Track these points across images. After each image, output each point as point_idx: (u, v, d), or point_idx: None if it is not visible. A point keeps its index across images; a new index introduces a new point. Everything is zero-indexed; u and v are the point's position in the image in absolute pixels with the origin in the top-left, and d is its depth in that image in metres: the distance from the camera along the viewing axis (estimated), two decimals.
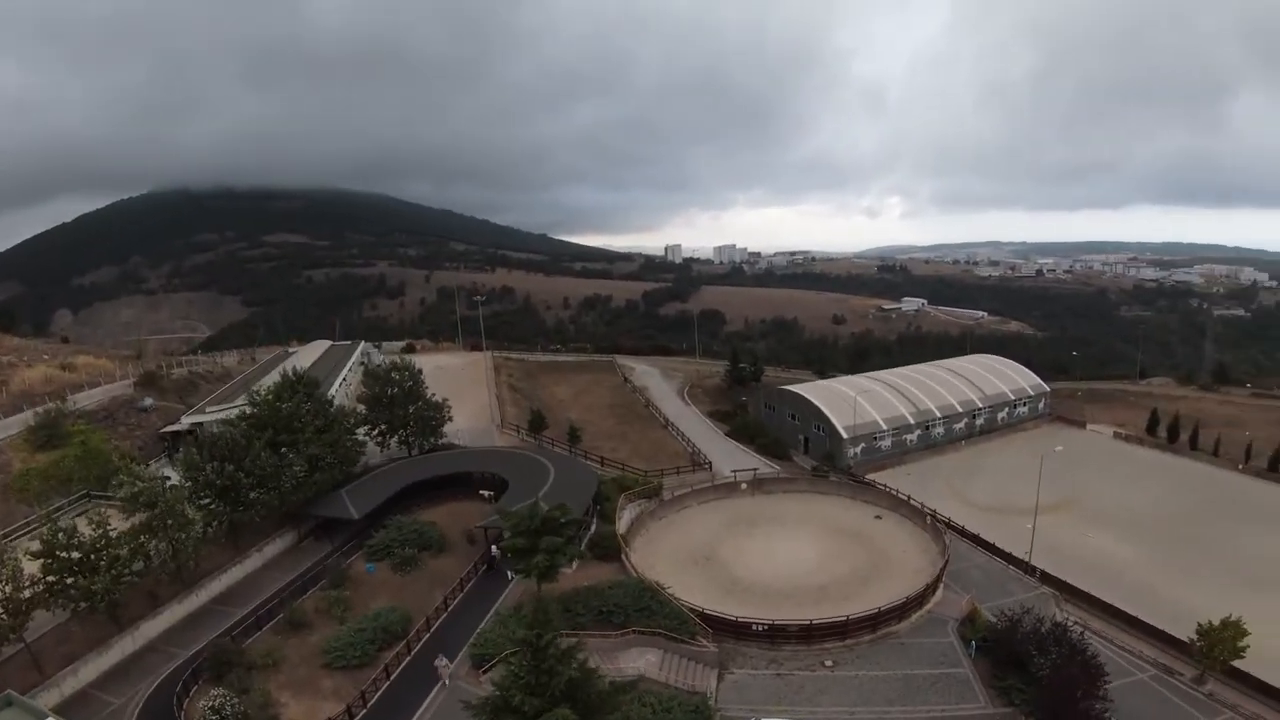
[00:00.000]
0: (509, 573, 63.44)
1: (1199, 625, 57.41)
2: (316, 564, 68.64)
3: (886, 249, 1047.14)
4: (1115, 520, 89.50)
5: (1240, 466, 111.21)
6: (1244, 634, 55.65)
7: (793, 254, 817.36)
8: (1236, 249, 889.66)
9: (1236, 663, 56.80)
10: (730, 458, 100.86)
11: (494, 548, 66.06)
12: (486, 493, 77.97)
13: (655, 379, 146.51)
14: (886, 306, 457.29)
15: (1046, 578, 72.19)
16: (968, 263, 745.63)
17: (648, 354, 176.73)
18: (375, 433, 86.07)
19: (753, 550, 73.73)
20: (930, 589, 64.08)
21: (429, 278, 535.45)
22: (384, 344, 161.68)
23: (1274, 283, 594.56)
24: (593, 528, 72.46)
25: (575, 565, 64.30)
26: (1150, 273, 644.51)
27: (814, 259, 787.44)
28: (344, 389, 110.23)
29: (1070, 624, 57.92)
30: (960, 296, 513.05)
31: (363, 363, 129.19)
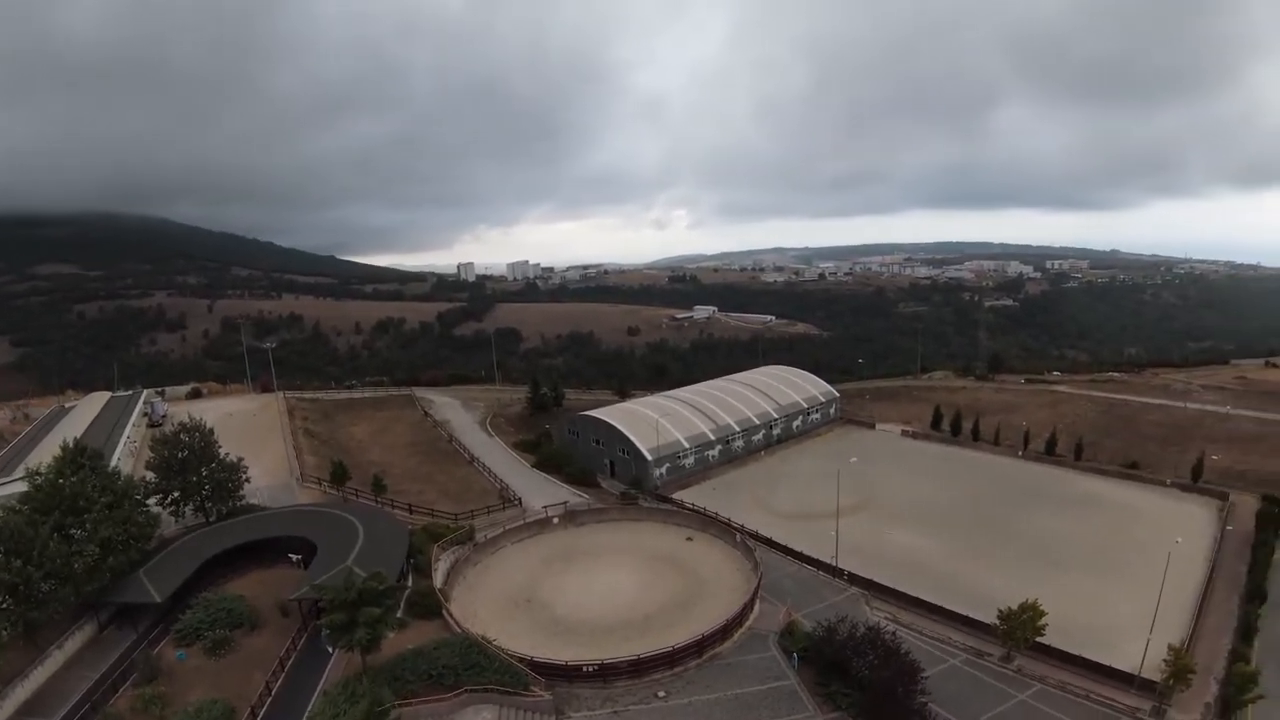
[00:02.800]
0: (329, 648, 62.00)
1: (999, 611, 66.80)
2: (124, 656, 63.71)
3: (676, 259, 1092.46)
4: (911, 515, 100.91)
5: (1020, 453, 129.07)
6: (1041, 614, 65.37)
7: (586, 268, 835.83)
8: (1003, 245, 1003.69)
9: (1039, 639, 65.52)
10: (539, 490, 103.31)
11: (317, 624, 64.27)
12: (295, 556, 75.42)
13: (456, 411, 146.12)
14: (679, 315, 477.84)
15: (855, 579, 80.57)
16: (754, 269, 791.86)
17: (446, 384, 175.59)
18: (168, 501, 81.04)
19: (572, 587, 76.46)
20: (748, 606, 69.52)
21: (211, 308, 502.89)
22: (168, 390, 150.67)
23: (1037, 274, 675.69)
24: (409, 585, 72.00)
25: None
26: (925, 271, 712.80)
27: (606, 272, 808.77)
28: (128, 449, 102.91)
29: (883, 624, 65.34)
30: (749, 302, 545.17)
31: (146, 414, 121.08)
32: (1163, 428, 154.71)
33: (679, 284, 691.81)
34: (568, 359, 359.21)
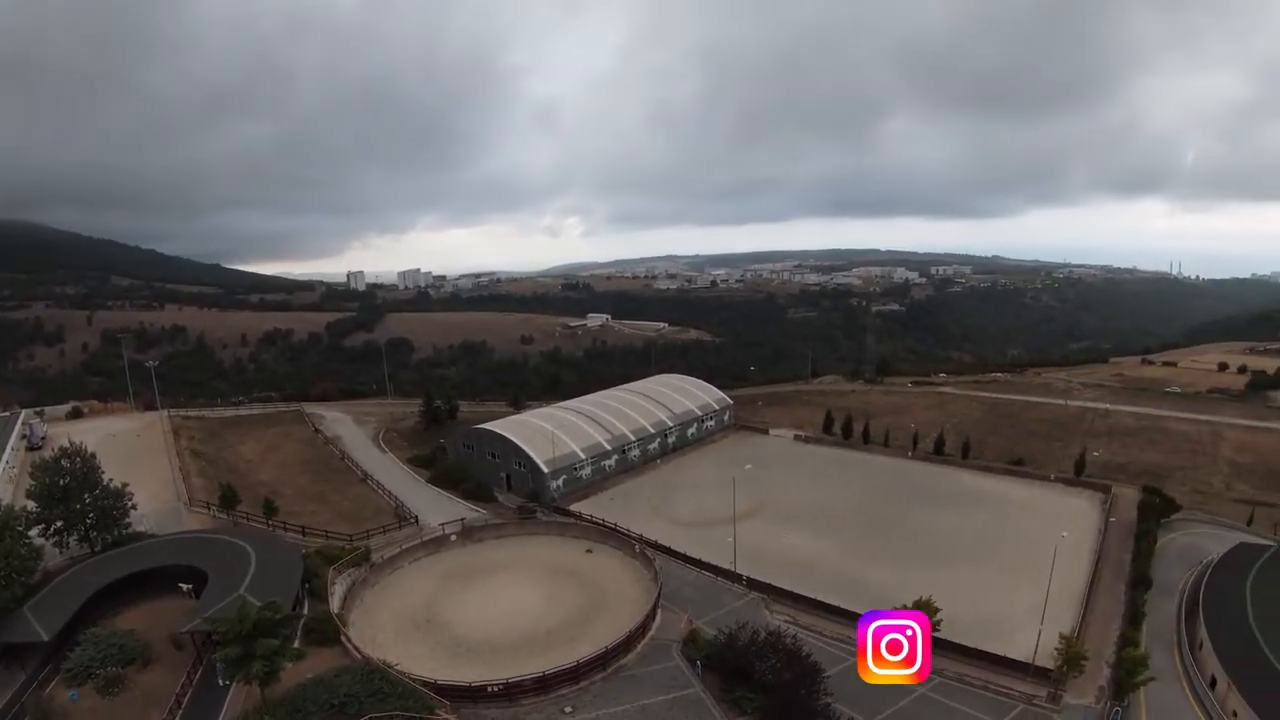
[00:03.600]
0: (223, 681, 59.38)
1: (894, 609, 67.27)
2: (14, 699, 59.70)
3: (570, 266, 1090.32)
4: (807, 518, 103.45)
5: (910, 453, 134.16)
6: (935, 611, 67.64)
7: (478, 275, 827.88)
8: (890, 252, 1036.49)
9: (935, 634, 67.39)
10: (436, 506, 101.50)
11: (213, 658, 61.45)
12: (186, 586, 72.04)
13: (348, 426, 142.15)
14: (573, 323, 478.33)
15: (754, 583, 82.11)
16: (647, 276, 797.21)
17: (337, 399, 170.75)
18: (51, 532, 76.35)
19: (473, 604, 75.19)
20: (650, 616, 69.94)
21: (91, 319, 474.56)
22: (47, 410, 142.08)
23: (923, 280, 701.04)
24: (305, 611, 69.62)
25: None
26: (815, 278, 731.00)
27: (499, 280, 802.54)
28: (7, 475, 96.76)
29: (783, 627, 66.65)
30: (642, 309, 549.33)
31: (24, 436, 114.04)
32: (1046, 424, 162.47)
33: (572, 292, 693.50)
34: (461, 369, 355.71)
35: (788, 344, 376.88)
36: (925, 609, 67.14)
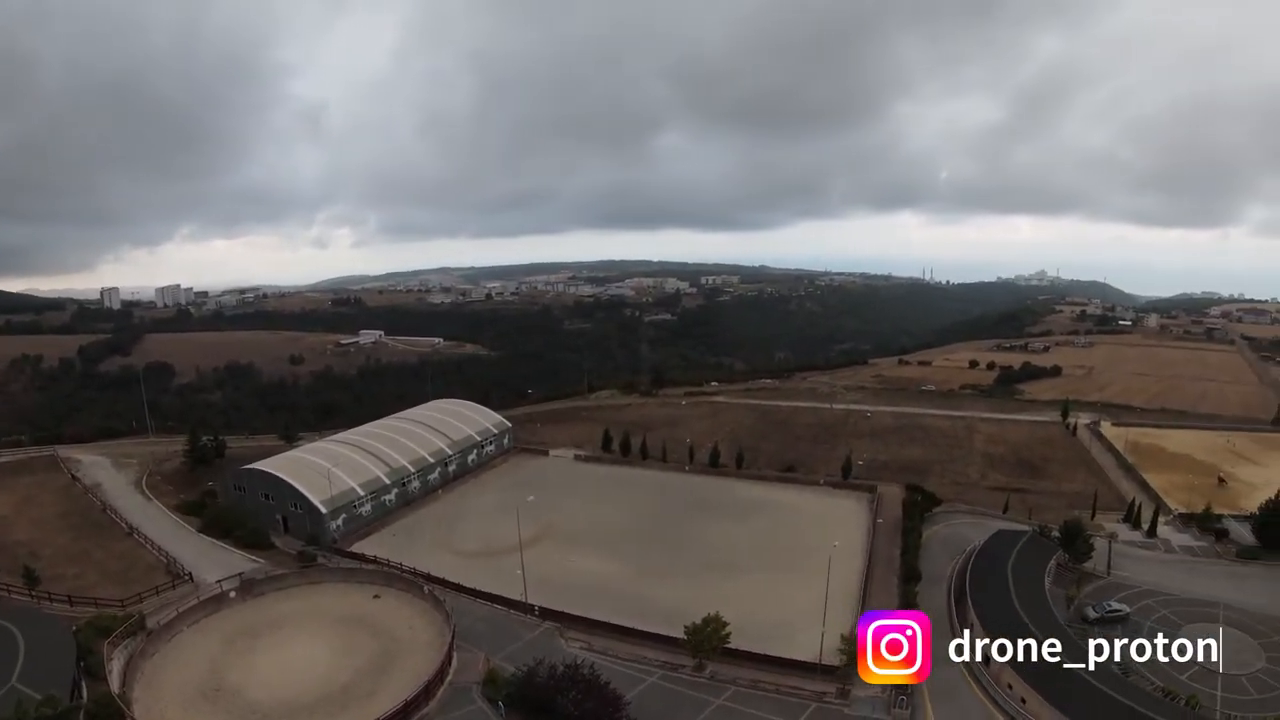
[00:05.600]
0: None
1: (686, 626, 72.28)
2: None
3: (340, 280, 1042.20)
4: (592, 539, 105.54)
5: (687, 467, 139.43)
6: (724, 624, 71.79)
7: (243, 291, 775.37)
8: (662, 263, 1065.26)
9: (727, 645, 71.54)
10: (210, 559, 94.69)
11: None
12: None
13: (107, 471, 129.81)
14: (344, 341, 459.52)
15: (546, 612, 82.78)
16: (421, 290, 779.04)
17: (93, 439, 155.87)
18: None
19: (262, 666, 70.82)
20: (446, 660, 68.99)
21: None
22: None
23: (694, 289, 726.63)
24: (84, 697, 63.41)
25: None
26: (588, 289, 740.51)
27: (266, 295, 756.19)
28: None
29: (580, 655, 68.07)
30: (416, 325, 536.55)
31: None
32: (814, 429, 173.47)
33: (343, 307, 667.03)
34: (227, 394, 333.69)
35: (564, 356, 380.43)
36: (714, 623, 70.86)
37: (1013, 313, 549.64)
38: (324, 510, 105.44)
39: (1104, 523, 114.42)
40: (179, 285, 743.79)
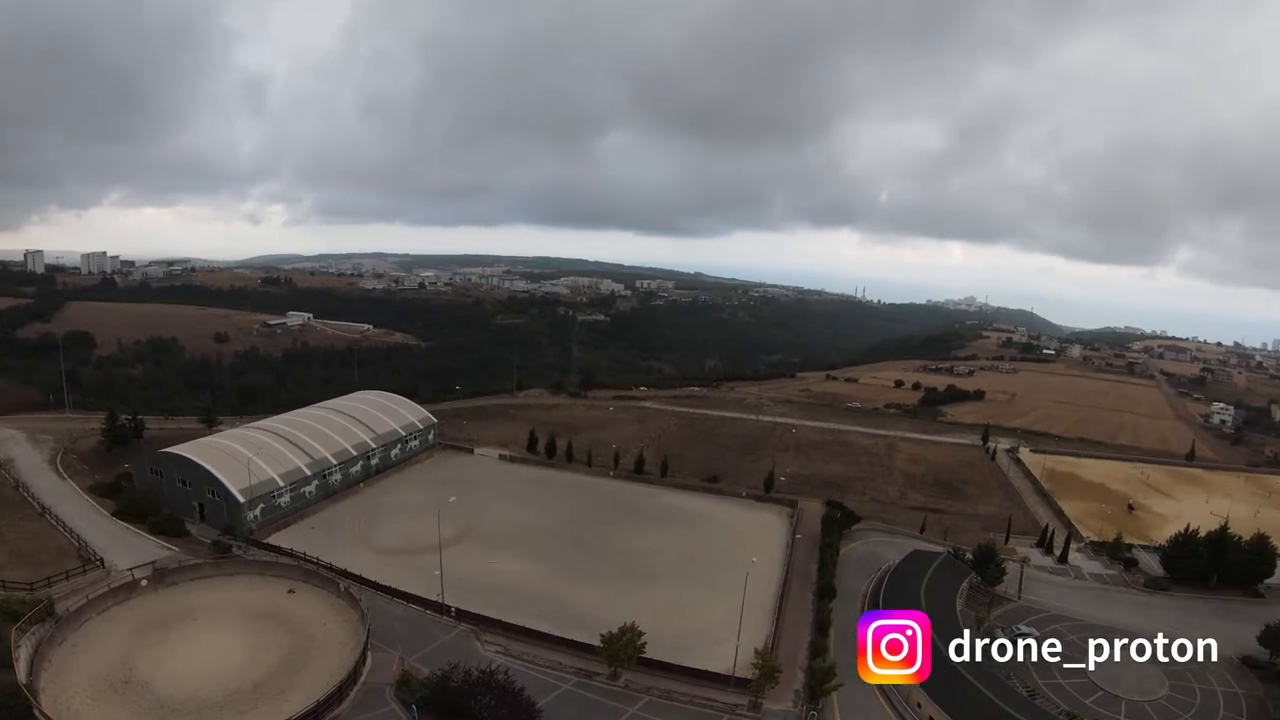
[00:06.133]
0: None
1: (602, 635, 72.65)
2: None
3: (271, 258, 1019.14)
4: (513, 541, 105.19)
5: (612, 472, 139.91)
6: (640, 634, 72.23)
7: (171, 263, 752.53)
8: (598, 263, 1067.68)
9: (642, 655, 72.14)
10: (123, 544, 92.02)
11: None
12: None
13: (21, 446, 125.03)
14: (271, 322, 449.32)
15: (463, 614, 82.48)
16: (354, 274, 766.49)
17: (9, 412, 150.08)
18: None
19: (172, 658, 69.05)
20: (361, 660, 68.19)
21: None
22: None
23: (628, 292, 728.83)
24: None
25: None
26: (523, 284, 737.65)
27: (194, 269, 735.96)
28: None
29: (495, 659, 68.37)
30: (346, 309, 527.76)
31: None
32: (740, 439, 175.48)
33: (273, 287, 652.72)
34: (148, 368, 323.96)
35: (495, 350, 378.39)
36: (630, 633, 71.40)
37: (941, 335, 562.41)
38: (242, 499, 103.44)
39: (1017, 547, 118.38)
40: (105, 253, 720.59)
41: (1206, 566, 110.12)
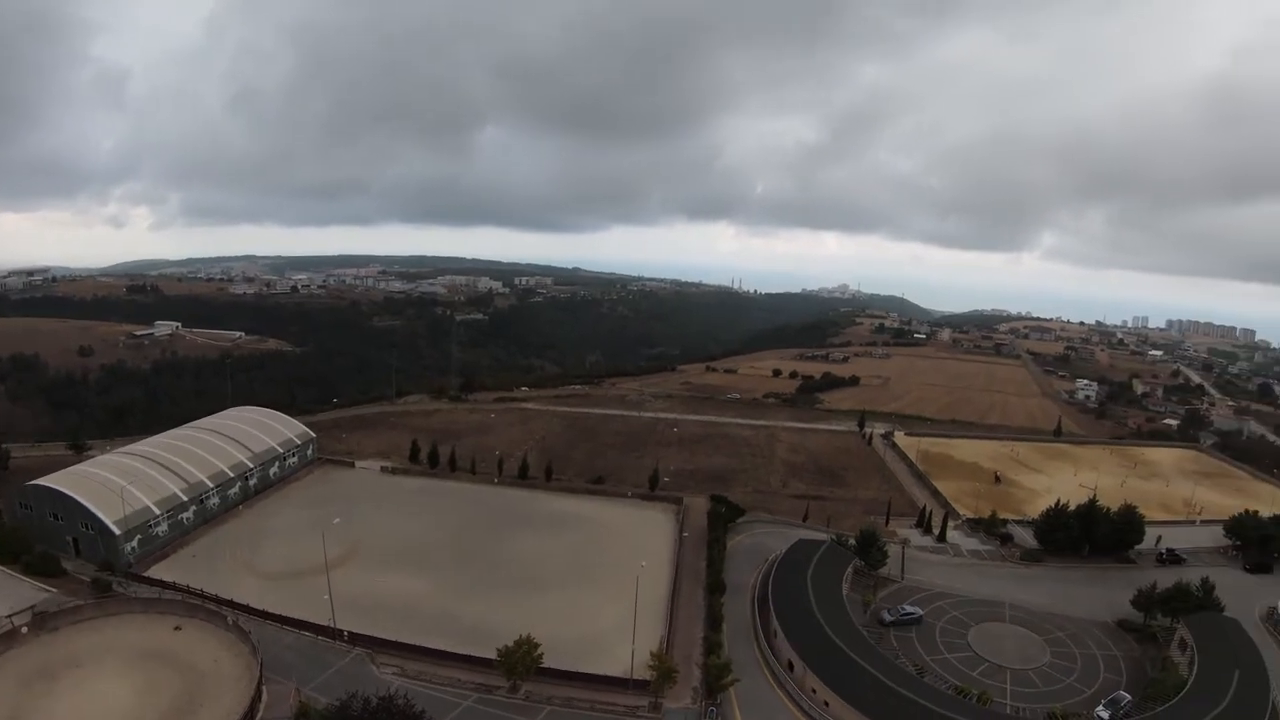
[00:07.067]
0: None
1: (499, 649, 73.19)
2: None
3: (137, 264, 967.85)
4: (402, 557, 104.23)
5: (496, 479, 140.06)
6: (536, 646, 73.20)
7: (31, 273, 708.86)
8: (475, 260, 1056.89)
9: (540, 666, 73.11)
10: None
11: None
12: None
13: None
14: (139, 333, 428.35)
15: (355, 637, 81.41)
16: (223, 279, 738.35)
17: None
18: None
19: (62, 710, 65.20)
20: (256, 696, 66.51)
21: None
22: None
23: (506, 289, 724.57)
24: None
25: None
26: (399, 285, 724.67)
27: (55, 279, 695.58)
28: None
29: (393, 682, 68.18)
30: (217, 316, 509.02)
31: None
32: (622, 437, 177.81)
33: (139, 295, 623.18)
34: (9, 387, 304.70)
35: (373, 354, 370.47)
36: (526, 645, 72.20)
37: (816, 323, 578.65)
38: (117, 531, 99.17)
39: (898, 529, 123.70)
40: None
41: (1078, 537, 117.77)
